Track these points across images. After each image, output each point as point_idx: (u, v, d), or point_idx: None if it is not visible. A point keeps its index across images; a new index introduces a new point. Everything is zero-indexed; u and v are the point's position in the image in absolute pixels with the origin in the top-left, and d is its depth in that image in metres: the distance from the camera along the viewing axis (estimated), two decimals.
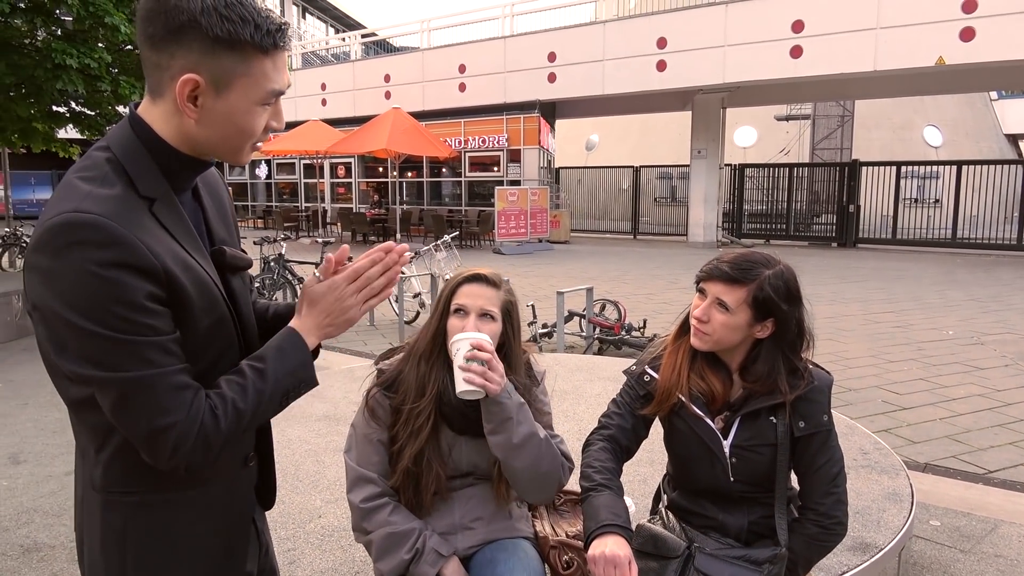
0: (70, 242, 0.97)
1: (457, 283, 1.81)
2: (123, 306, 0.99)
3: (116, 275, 0.98)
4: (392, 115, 18.23)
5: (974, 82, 18.14)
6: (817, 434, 1.73)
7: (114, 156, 1.08)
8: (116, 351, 0.99)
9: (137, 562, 1.14)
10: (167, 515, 1.16)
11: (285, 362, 1.15)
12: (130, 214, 1.03)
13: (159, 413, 1.02)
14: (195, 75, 1.05)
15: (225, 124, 1.10)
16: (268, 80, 1.10)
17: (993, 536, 3.38)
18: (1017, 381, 6.13)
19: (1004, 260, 16.15)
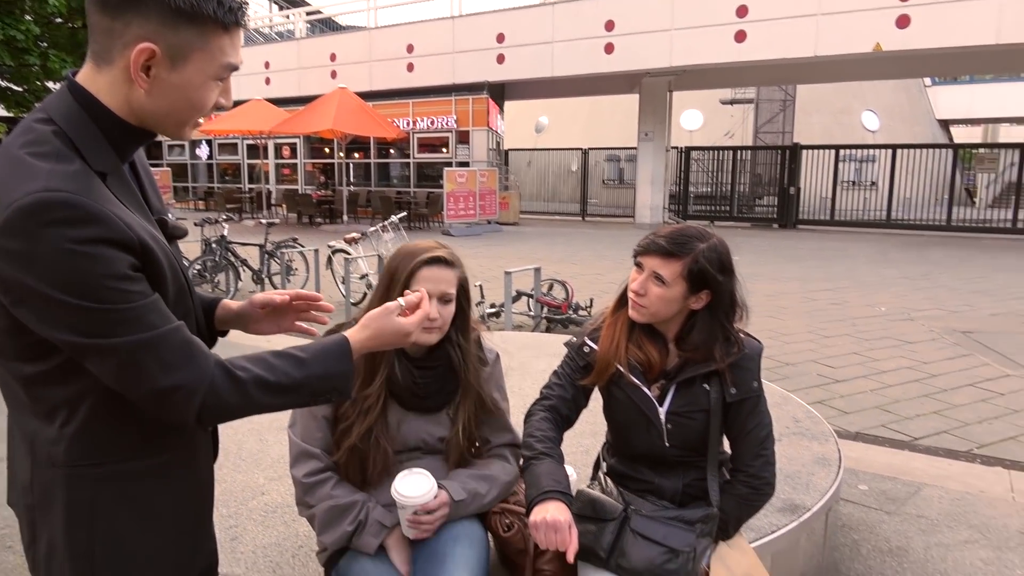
0: (46, 222, 0.94)
1: (415, 266, 1.74)
2: (111, 279, 0.98)
3: (98, 251, 0.97)
4: (338, 95, 17.91)
5: (909, 68, 18.75)
6: (747, 400, 1.80)
7: (60, 129, 1.04)
8: (114, 320, 0.99)
9: (105, 535, 1.13)
10: (135, 485, 1.15)
11: (325, 362, 1.19)
12: (97, 189, 1.02)
13: (166, 370, 1.03)
14: (152, 45, 1.03)
15: (176, 97, 1.09)
16: (224, 55, 1.10)
17: (916, 498, 3.56)
18: (943, 354, 6.43)
19: (934, 240, 16.82)
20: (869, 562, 2.98)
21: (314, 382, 1.17)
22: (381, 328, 1.27)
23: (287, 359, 1.15)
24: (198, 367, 1.06)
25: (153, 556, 1.17)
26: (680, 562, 1.67)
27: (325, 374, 1.18)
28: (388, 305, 1.30)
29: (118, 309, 1.00)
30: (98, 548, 1.13)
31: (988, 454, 4.18)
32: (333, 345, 1.21)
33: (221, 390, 1.07)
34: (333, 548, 1.71)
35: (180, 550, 1.22)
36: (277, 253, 9.23)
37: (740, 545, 1.88)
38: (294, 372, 1.14)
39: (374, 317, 1.28)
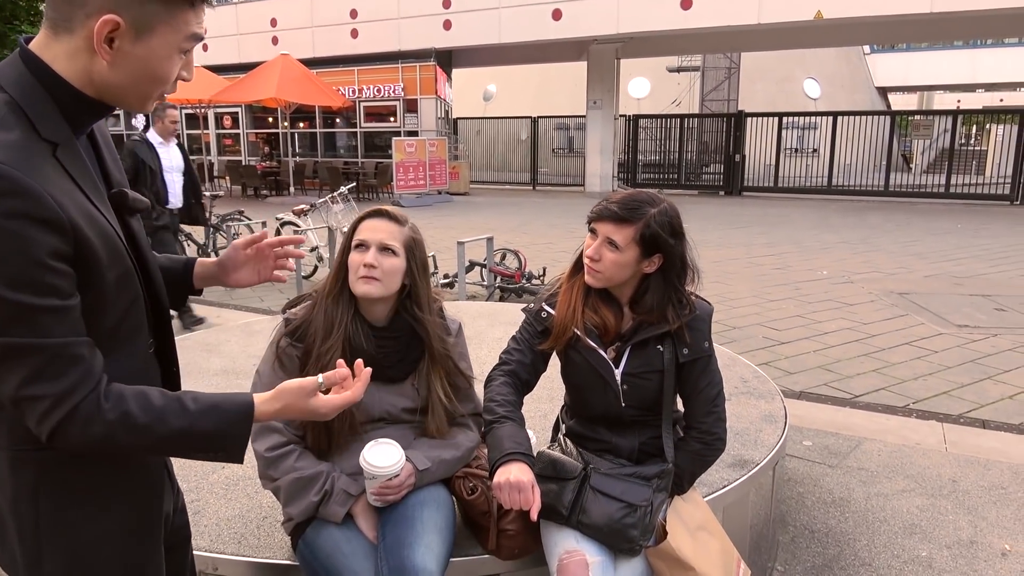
0: None
1: (360, 219, 1.82)
2: (23, 261, 0.93)
3: (18, 227, 0.93)
4: (281, 62, 17.42)
5: (849, 36, 19.16)
6: (699, 359, 1.87)
7: (11, 97, 1.01)
8: (7, 313, 0.95)
9: (51, 515, 1.11)
10: (81, 469, 1.13)
11: (217, 422, 1.11)
12: (33, 161, 0.98)
13: (33, 380, 0.98)
14: (116, 16, 1.00)
15: (140, 69, 1.06)
16: (189, 27, 1.08)
17: (857, 452, 3.74)
18: (881, 315, 6.70)
19: (873, 205, 17.38)
20: (814, 513, 3.13)
21: (198, 437, 1.10)
22: (291, 405, 1.19)
23: (173, 403, 1.09)
24: (67, 387, 1.00)
25: (100, 538, 1.16)
26: (638, 516, 1.74)
27: (215, 432, 1.11)
28: (304, 384, 1.20)
29: (17, 300, 0.94)
30: (44, 530, 1.12)
31: (923, 408, 4.40)
32: (234, 406, 1.13)
33: (81, 417, 1.01)
34: (300, 518, 1.72)
35: (127, 533, 1.20)
36: (223, 227, 9.01)
37: (694, 499, 1.96)
38: (173, 420, 1.07)
39: (288, 391, 1.19)
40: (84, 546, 1.14)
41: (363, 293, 1.76)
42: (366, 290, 1.75)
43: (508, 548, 1.83)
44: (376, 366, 1.81)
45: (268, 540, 1.98)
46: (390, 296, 1.81)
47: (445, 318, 1.95)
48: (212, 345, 3.86)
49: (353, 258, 1.78)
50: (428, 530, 1.67)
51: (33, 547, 1.12)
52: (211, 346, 3.84)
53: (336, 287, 1.81)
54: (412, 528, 1.66)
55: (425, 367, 1.86)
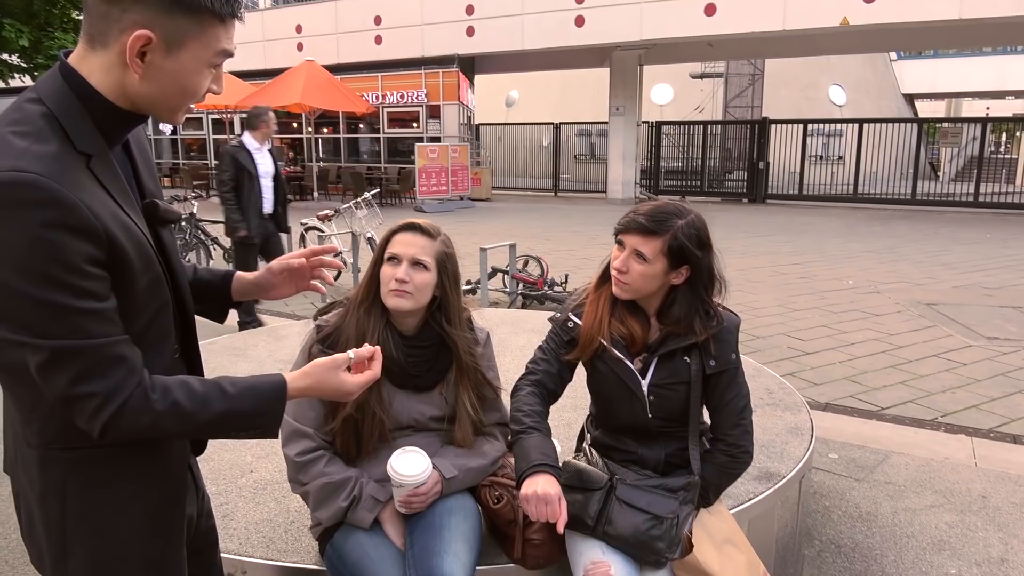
0: (8, 202, 0.95)
1: (392, 231, 1.84)
2: (61, 268, 0.98)
3: (55, 236, 0.97)
4: (306, 68, 17.59)
5: (875, 43, 18.95)
6: (726, 371, 1.86)
7: (49, 110, 1.05)
8: (49, 316, 0.99)
9: (77, 513, 1.15)
10: (107, 469, 1.17)
11: (254, 401, 1.17)
12: (70, 172, 1.02)
13: (82, 379, 1.03)
14: (149, 31, 1.04)
15: (170, 83, 1.10)
16: (219, 43, 1.12)
17: (884, 466, 3.69)
18: (909, 326, 6.61)
19: (899, 213, 17.16)
20: (840, 527, 3.10)
21: (237, 417, 1.16)
22: (322, 380, 1.25)
23: (213, 389, 1.14)
24: (116, 384, 1.05)
25: (122, 537, 1.19)
26: (664, 528, 1.73)
27: (252, 411, 1.17)
28: (336, 358, 1.27)
29: (57, 302, 0.99)
30: (70, 526, 1.16)
31: (952, 422, 4.34)
32: (268, 385, 1.19)
33: (131, 410, 1.06)
34: (328, 523, 1.74)
35: (149, 533, 1.23)
36: None
37: (720, 511, 1.95)
38: (216, 404, 1.13)
39: (319, 366, 1.25)
40: (107, 544, 1.18)
41: (394, 307, 1.79)
42: (397, 304, 1.78)
43: (534, 557, 1.83)
44: (405, 375, 1.83)
45: (296, 544, 2.00)
46: (420, 308, 1.83)
47: (474, 328, 1.96)
48: (240, 349, 3.91)
49: (385, 271, 1.80)
50: (455, 539, 1.68)
51: (59, 543, 1.16)
52: (239, 350, 3.89)
53: (368, 298, 1.83)
54: (440, 536, 1.67)
55: (453, 376, 1.88)
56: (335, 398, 1.30)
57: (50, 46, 9.72)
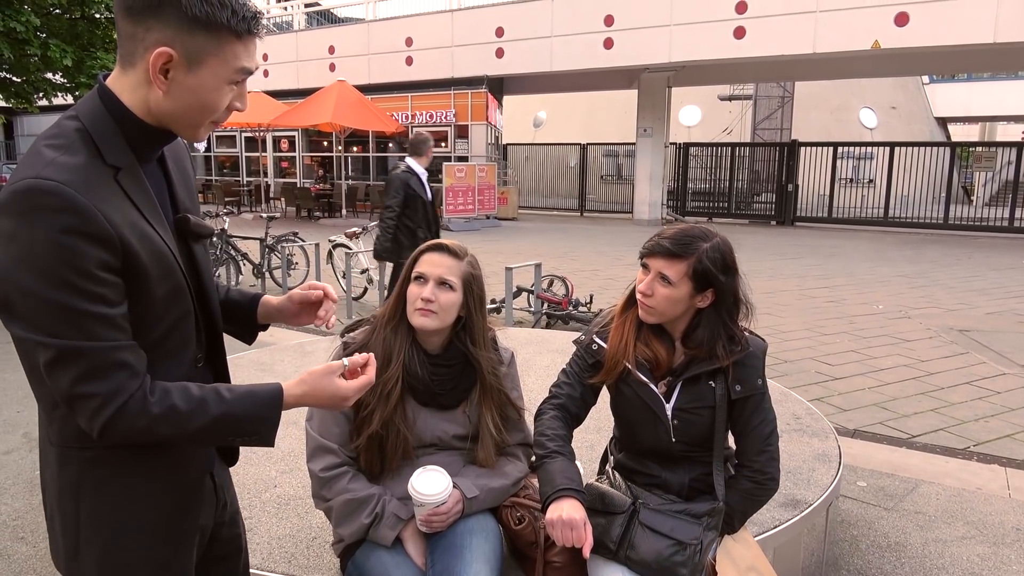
0: (30, 207, 1.01)
1: (420, 251, 1.86)
2: (75, 272, 1.02)
3: (71, 241, 1.02)
4: (337, 88, 17.89)
5: (907, 66, 18.81)
6: (752, 397, 1.85)
7: (83, 126, 1.12)
8: (60, 317, 1.03)
9: (89, 512, 1.19)
10: (119, 470, 1.20)
11: (250, 407, 1.19)
12: (93, 183, 1.07)
13: (84, 380, 1.06)
14: (170, 49, 1.09)
15: (192, 98, 1.15)
16: (238, 60, 1.15)
17: (914, 495, 3.62)
18: (940, 352, 6.49)
19: (931, 238, 16.89)
20: (868, 557, 3.03)
21: (232, 422, 1.17)
22: (317, 387, 1.26)
23: (210, 394, 1.17)
24: (116, 386, 1.08)
25: (131, 538, 1.22)
26: (687, 554, 1.71)
27: (246, 416, 1.18)
28: (331, 365, 1.28)
29: (70, 305, 1.03)
30: (83, 525, 1.19)
31: (984, 451, 4.23)
32: (264, 392, 1.21)
33: (129, 413, 1.09)
34: (350, 540, 1.75)
35: (158, 537, 1.25)
36: (278, 247, 9.25)
37: (745, 538, 1.92)
38: (212, 408, 1.15)
39: (314, 374, 1.26)
40: (116, 544, 1.21)
41: (419, 325, 1.81)
42: (422, 323, 1.80)
43: None
44: (429, 393, 1.85)
45: (318, 561, 2.01)
46: (445, 328, 1.84)
47: (498, 347, 1.97)
48: (266, 365, 3.95)
49: (412, 290, 1.82)
50: (476, 559, 1.68)
51: (73, 540, 1.20)
52: (265, 365, 3.93)
53: (395, 316, 1.85)
54: (461, 557, 1.67)
55: (477, 395, 1.89)
56: (331, 405, 1.29)
57: (92, 65, 10.00)
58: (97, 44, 10.40)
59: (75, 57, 9.89)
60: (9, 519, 3.27)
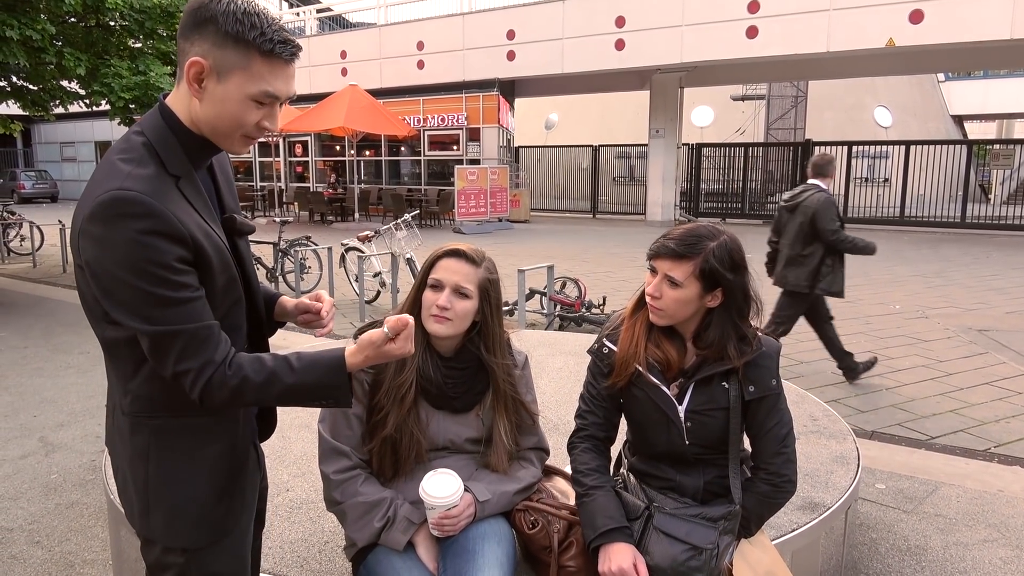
0: (116, 214, 1.19)
1: (437, 256, 1.84)
2: (158, 266, 1.20)
3: (152, 241, 1.20)
4: (349, 92, 17.97)
5: (923, 64, 18.61)
6: (767, 397, 1.81)
7: (148, 140, 1.29)
8: (153, 305, 1.21)
9: (156, 477, 1.37)
10: (183, 436, 1.38)
11: (318, 375, 1.33)
12: (163, 190, 1.24)
13: (180, 360, 1.25)
14: (203, 60, 1.25)
15: (220, 108, 1.29)
16: (263, 81, 1.28)
17: (934, 497, 3.56)
18: (958, 352, 6.40)
19: (948, 237, 16.71)
20: (888, 560, 2.99)
21: (304, 389, 1.33)
22: (371, 356, 1.38)
23: (281, 364, 1.32)
24: (204, 361, 1.26)
25: (192, 499, 1.39)
26: (703, 559, 1.69)
27: (317, 383, 1.33)
28: (373, 336, 1.35)
29: (157, 293, 1.21)
30: (151, 486, 1.37)
31: (1006, 453, 4.17)
32: (327, 358, 1.35)
33: (215, 384, 1.26)
34: (362, 544, 1.74)
35: (215, 503, 1.42)
36: (291, 252, 9.28)
37: (762, 543, 1.89)
38: (285, 377, 1.31)
39: (367, 346, 1.37)
40: (180, 504, 1.38)
41: (434, 332, 1.80)
42: (437, 329, 1.79)
43: None
44: (443, 396, 1.83)
45: (329, 565, 2.00)
46: (459, 333, 1.83)
47: (512, 351, 1.95)
48: None
49: (428, 296, 1.80)
50: (489, 564, 1.66)
51: (144, 499, 1.38)
52: None
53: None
54: (473, 561, 1.65)
55: (490, 400, 1.87)
56: (393, 359, 1.43)
57: (105, 73, 10.06)
58: (112, 52, 10.47)
59: (89, 65, 9.96)
60: (25, 523, 3.29)
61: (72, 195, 31.56)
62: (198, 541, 1.41)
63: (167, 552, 1.40)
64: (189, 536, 1.40)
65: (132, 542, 2.31)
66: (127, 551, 2.38)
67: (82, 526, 3.28)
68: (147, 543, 1.42)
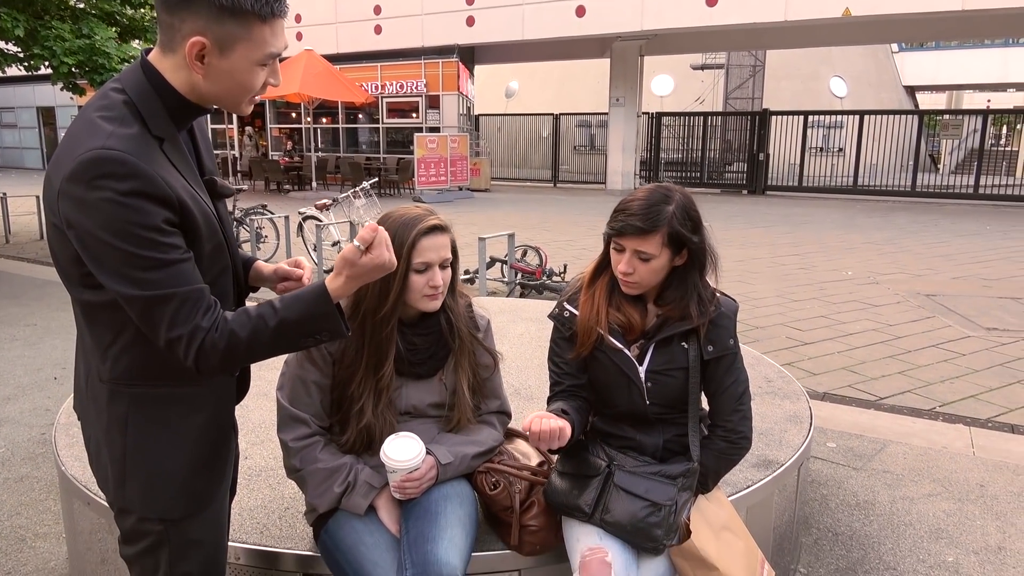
0: (100, 174, 1.14)
1: (413, 239, 1.72)
2: (145, 228, 1.16)
3: (137, 203, 1.15)
4: (305, 57, 17.51)
5: (877, 34, 18.85)
6: (724, 357, 1.85)
7: (129, 99, 1.24)
8: (143, 268, 1.17)
9: (135, 446, 1.34)
10: (164, 406, 1.35)
11: (301, 308, 1.29)
12: (148, 151, 1.20)
13: (172, 326, 1.21)
14: (202, 38, 1.21)
15: (228, 80, 1.26)
16: (266, 44, 1.26)
17: (882, 455, 3.69)
18: (907, 316, 6.60)
19: (899, 205, 17.13)
20: (838, 515, 3.09)
21: (293, 326, 1.29)
22: (353, 274, 1.33)
23: (265, 308, 1.28)
24: (194, 325, 1.22)
25: (172, 471, 1.36)
26: (662, 515, 1.72)
27: (303, 316, 1.29)
28: (346, 254, 1.31)
29: (145, 255, 1.16)
30: (129, 456, 1.34)
31: (950, 412, 4.33)
32: (309, 290, 1.32)
33: (207, 348, 1.23)
34: (323, 509, 1.73)
35: (195, 475, 1.40)
36: (246, 220, 9.09)
37: (718, 498, 1.94)
38: (269, 321, 1.27)
39: (345, 264, 1.32)
40: (158, 475, 1.35)
41: (431, 309, 1.79)
42: (433, 306, 1.79)
43: (530, 544, 1.82)
44: (406, 363, 1.81)
45: (290, 531, 1.99)
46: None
47: (474, 315, 1.94)
48: None
49: (416, 280, 1.74)
50: (451, 524, 1.67)
51: (120, 470, 1.35)
52: None
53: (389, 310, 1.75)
54: (435, 523, 1.66)
55: (453, 361, 1.86)
56: (378, 275, 1.36)
57: (46, 36, 9.60)
58: (51, 11, 10.00)
59: (27, 26, 9.51)
60: None
61: (13, 163, 30.34)
62: (177, 512, 1.39)
63: (144, 521, 1.38)
64: (168, 507, 1.38)
65: (86, 514, 2.27)
66: (81, 523, 2.34)
67: (33, 500, 3.21)
68: (123, 512, 1.39)
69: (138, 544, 1.40)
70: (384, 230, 1.33)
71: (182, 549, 1.41)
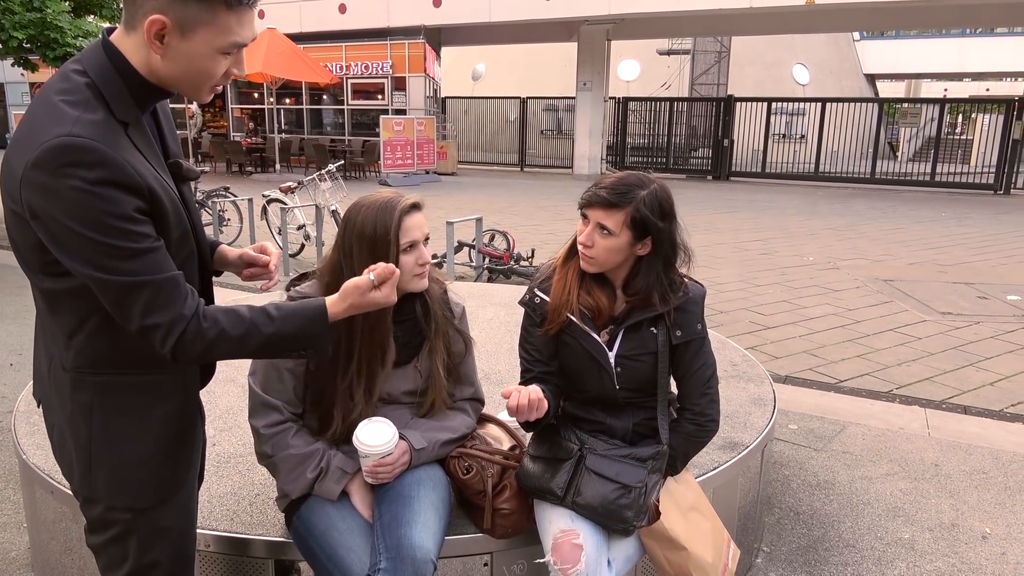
0: (67, 163, 1.10)
1: (399, 219, 1.71)
2: (116, 218, 1.13)
3: (106, 191, 1.13)
4: (267, 36, 17.11)
5: (840, 22, 19.13)
6: (692, 341, 1.88)
7: (92, 81, 1.20)
8: (114, 255, 1.14)
9: (100, 435, 1.32)
10: (130, 394, 1.33)
11: (299, 325, 1.31)
12: (114, 137, 1.17)
13: (147, 313, 1.19)
14: (163, 16, 1.16)
15: (186, 64, 1.22)
16: (231, 33, 1.22)
17: (841, 436, 3.79)
18: (866, 301, 6.77)
19: (859, 192, 17.48)
20: (799, 495, 3.18)
21: (284, 339, 1.30)
22: (356, 303, 1.38)
23: (260, 315, 1.28)
24: (175, 315, 1.20)
25: (139, 459, 1.34)
26: (632, 497, 1.75)
27: (297, 333, 1.31)
28: (360, 283, 1.36)
29: (118, 245, 1.14)
30: (94, 445, 1.32)
31: (906, 394, 4.46)
32: (308, 307, 1.33)
33: (189, 338, 1.21)
34: (295, 495, 1.73)
35: (163, 462, 1.38)
36: (208, 203, 8.91)
37: (686, 480, 1.98)
38: (264, 328, 1.27)
39: (350, 291, 1.37)
40: (125, 464, 1.33)
41: (420, 288, 1.80)
42: (422, 284, 1.79)
43: (503, 527, 1.84)
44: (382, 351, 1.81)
45: (261, 517, 1.98)
46: None
47: (450, 302, 1.94)
48: None
49: (407, 261, 1.73)
50: (425, 508, 1.68)
51: (86, 459, 1.33)
52: None
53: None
54: (409, 507, 1.67)
55: (428, 347, 1.86)
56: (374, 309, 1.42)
57: None
58: None
59: None
60: None
61: None
62: (145, 500, 1.37)
63: (111, 510, 1.36)
64: (136, 496, 1.36)
65: (49, 503, 2.23)
66: (44, 512, 2.30)
67: None
68: (88, 501, 1.37)
69: (105, 533, 1.39)
70: (399, 273, 1.39)
71: (150, 537, 1.40)
